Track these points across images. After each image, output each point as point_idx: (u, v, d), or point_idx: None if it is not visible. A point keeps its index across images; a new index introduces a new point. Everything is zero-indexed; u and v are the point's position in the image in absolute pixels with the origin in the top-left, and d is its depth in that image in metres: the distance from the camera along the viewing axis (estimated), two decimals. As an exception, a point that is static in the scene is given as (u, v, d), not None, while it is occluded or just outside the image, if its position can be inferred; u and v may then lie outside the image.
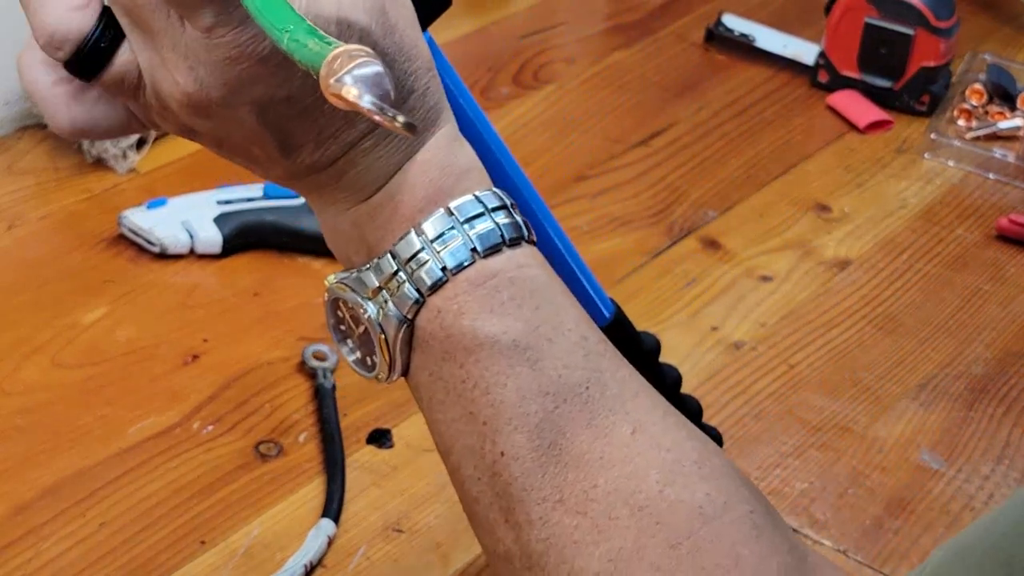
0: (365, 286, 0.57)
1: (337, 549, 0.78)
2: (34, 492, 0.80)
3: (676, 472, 0.55)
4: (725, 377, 0.92)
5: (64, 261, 0.97)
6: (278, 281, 0.97)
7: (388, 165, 0.55)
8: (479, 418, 0.55)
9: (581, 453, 0.54)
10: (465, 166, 0.57)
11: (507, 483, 0.55)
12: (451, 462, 0.57)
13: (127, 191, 1.03)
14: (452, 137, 0.57)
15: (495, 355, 0.55)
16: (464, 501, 0.57)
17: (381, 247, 0.56)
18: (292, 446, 0.84)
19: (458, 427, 0.56)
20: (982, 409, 0.91)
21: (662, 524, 0.54)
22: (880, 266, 1.04)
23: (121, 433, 0.84)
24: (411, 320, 0.56)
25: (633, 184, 1.11)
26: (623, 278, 1.00)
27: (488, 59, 1.24)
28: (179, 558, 0.77)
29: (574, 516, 0.54)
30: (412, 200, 0.56)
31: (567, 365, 0.55)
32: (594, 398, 0.55)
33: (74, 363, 0.89)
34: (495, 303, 0.55)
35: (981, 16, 1.37)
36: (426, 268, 0.55)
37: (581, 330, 0.57)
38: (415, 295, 0.55)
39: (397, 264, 0.55)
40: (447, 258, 0.55)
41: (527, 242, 0.57)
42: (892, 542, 0.81)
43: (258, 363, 0.90)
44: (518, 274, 0.56)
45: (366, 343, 0.58)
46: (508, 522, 0.55)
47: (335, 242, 0.59)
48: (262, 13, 0.48)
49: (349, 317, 0.58)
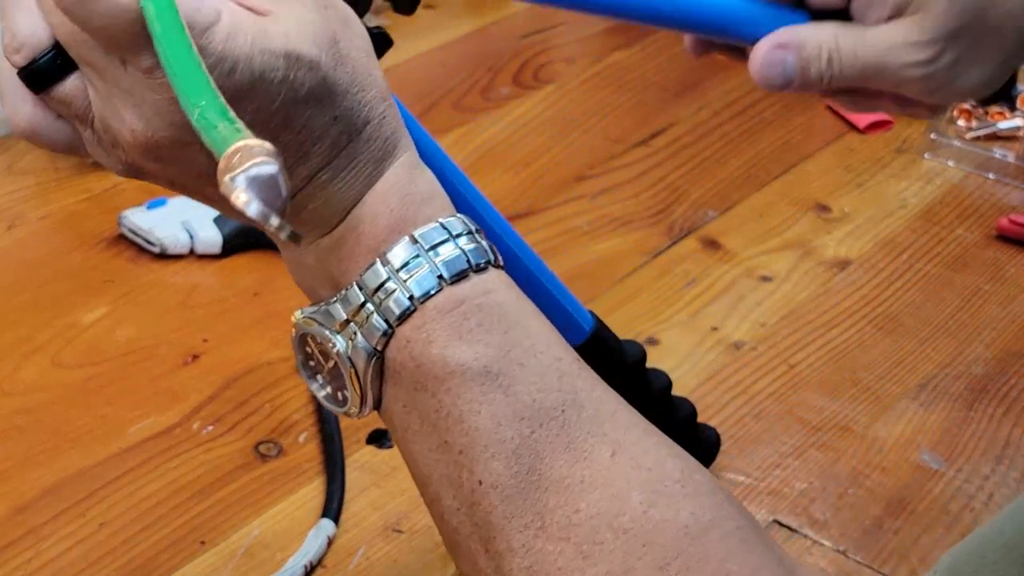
0: (333, 319, 0.56)
1: (337, 549, 0.78)
2: (34, 492, 0.80)
3: (659, 492, 0.54)
4: (725, 377, 0.92)
5: (64, 261, 0.97)
6: (278, 281, 0.97)
7: (348, 196, 0.55)
8: (455, 447, 0.54)
9: (561, 477, 0.54)
10: (427, 193, 0.56)
11: (487, 512, 0.54)
12: (429, 493, 0.56)
13: (127, 191, 1.03)
14: (412, 165, 0.56)
15: (467, 382, 0.54)
16: (444, 532, 0.57)
17: (347, 278, 0.56)
18: (292, 446, 0.84)
19: (434, 457, 0.55)
20: (982, 409, 0.91)
21: (649, 545, 0.53)
22: (880, 266, 1.04)
23: (121, 433, 0.84)
24: (380, 352, 0.55)
25: (633, 184, 1.11)
26: (623, 278, 1.00)
27: (488, 59, 1.24)
28: (179, 558, 0.77)
29: (557, 542, 0.53)
30: (375, 230, 0.55)
31: (541, 389, 0.55)
32: (571, 420, 0.54)
33: (74, 363, 0.89)
34: (464, 330, 0.54)
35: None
36: (394, 297, 0.54)
37: (554, 352, 0.56)
38: (383, 326, 0.55)
39: (364, 295, 0.55)
40: (413, 287, 0.54)
41: (494, 266, 0.56)
42: (892, 542, 0.81)
43: (258, 363, 0.90)
44: (486, 300, 0.55)
45: (336, 377, 0.57)
46: (488, 552, 0.54)
47: (300, 277, 0.58)
48: (178, 79, 0.47)
49: (318, 352, 0.57)
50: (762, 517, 0.82)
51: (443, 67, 1.22)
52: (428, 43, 1.25)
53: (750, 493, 0.83)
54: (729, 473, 0.84)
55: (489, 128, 1.15)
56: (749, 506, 0.82)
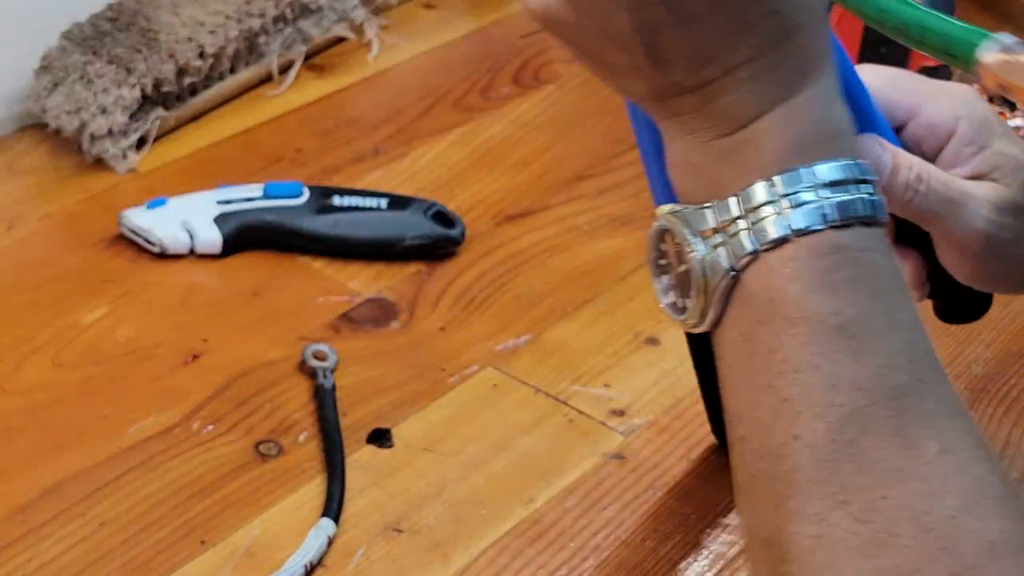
0: (700, 223, 0.53)
1: (337, 549, 0.78)
2: (34, 492, 0.80)
3: (975, 502, 0.51)
4: (725, 377, 0.92)
5: (64, 261, 0.97)
6: (278, 281, 0.97)
7: (760, 101, 0.52)
8: (780, 393, 0.52)
9: (879, 459, 0.51)
10: (838, 127, 0.53)
11: (792, 468, 0.51)
12: (737, 430, 0.54)
13: (127, 191, 1.03)
14: (831, 93, 0.53)
15: (817, 334, 0.51)
16: (738, 473, 0.54)
17: (728, 188, 0.53)
18: (292, 446, 0.84)
19: (754, 396, 0.52)
20: (982, 409, 0.91)
21: (946, 551, 0.50)
22: (880, 266, 1.04)
23: (121, 433, 0.84)
24: (738, 272, 0.52)
25: (633, 184, 1.11)
26: (624, 277, 1.00)
27: (488, 59, 1.24)
28: (179, 558, 0.77)
29: (854, 522, 0.50)
30: (775, 147, 0.52)
31: (889, 366, 0.52)
32: (908, 407, 0.51)
33: (74, 363, 0.89)
34: (832, 280, 0.51)
35: (981, 16, 1.37)
36: (771, 220, 0.52)
37: (912, 333, 0.53)
38: (751, 245, 0.52)
39: (741, 208, 0.52)
40: (795, 217, 0.51)
41: (879, 226, 0.53)
42: (892, 542, 0.81)
43: (258, 363, 0.90)
44: (863, 256, 0.52)
45: (683, 284, 0.55)
46: (778, 508, 0.51)
47: (678, 172, 0.55)
48: None
49: (673, 252, 0.55)
50: (762, 517, 0.82)
51: (443, 67, 1.22)
52: (428, 43, 1.25)
53: (750, 493, 0.83)
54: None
55: (489, 128, 1.15)
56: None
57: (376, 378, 0.89)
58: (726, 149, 0.53)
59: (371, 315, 0.94)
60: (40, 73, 1.05)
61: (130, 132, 1.05)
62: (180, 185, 1.03)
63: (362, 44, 1.23)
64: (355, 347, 0.91)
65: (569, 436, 0.87)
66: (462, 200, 1.05)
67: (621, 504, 0.82)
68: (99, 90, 1.03)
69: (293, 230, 0.99)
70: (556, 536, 0.80)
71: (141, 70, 1.05)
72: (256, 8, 1.13)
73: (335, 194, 1.01)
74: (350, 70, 1.20)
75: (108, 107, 1.03)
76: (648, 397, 0.90)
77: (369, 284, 0.97)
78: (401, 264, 0.99)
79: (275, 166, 1.07)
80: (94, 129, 1.03)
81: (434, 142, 1.12)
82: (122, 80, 1.04)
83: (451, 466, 0.84)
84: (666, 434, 0.87)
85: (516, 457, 0.85)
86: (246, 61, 1.14)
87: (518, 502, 0.82)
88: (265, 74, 1.15)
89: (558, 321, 0.95)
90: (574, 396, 0.89)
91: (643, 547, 0.80)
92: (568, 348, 0.93)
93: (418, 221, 1.00)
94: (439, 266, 0.99)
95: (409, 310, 0.95)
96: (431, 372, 0.90)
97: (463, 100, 1.18)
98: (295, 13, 1.17)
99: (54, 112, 1.04)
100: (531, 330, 0.94)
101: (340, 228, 0.99)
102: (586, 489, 0.83)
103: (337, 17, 1.21)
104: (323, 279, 0.97)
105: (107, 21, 1.08)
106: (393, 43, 1.24)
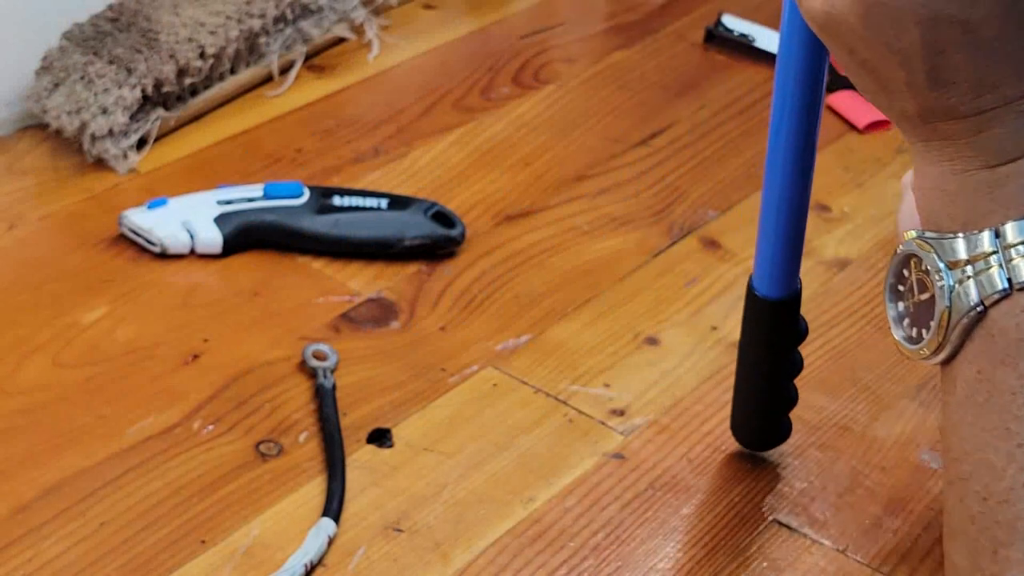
0: (948, 254, 0.52)
1: (337, 549, 0.78)
2: (34, 492, 0.80)
3: None
4: (725, 376, 0.92)
5: (64, 261, 0.97)
6: (278, 281, 0.97)
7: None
8: (1016, 439, 0.50)
9: None
10: None
11: (1016, 516, 0.49)
12: (959, 469, 0.52)
13: (127, 191, 1.03)
14: None
15: None
16: (955, 513, 0.52)
17: (983, 222, 0.51)
18: (292, 446, 0.84)
19: (984, 437, 0.51)
20: None
21: None
22: (880, 266, 1.04)
23: (121, 433, 0.84)
24: (987, 307, 0.51)
25: (633, 184, 1.11)
26: (623, 277, 1.00)
27: (488, 59, 1.24)
28: (179, 558, 0.77)
29: None
30: None
31: None
32: None
33: (74, 363, 0.89)
34: None
35: None
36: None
37: None
38: (1004, 283, 0.50)
39: (997, 244, 0.50)
40: None
41: None
42: (892, 542, 0.81)
43: (258, 363, 0.90)
44: None
45: (922, 313, 0.53)
46: (996, 555, 0.50)
47: (929, 199, 0.53)
48: None
49: (916, 279, 0.54)
50: (761, 516, 0.82)
51: (443, 67, 1.22)
52: (428, 43, 1.25)
53: (749, 492, 0.83)
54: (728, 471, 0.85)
55: (489, 128, 1.15)
56: (748, 506, 0.83)
57: (376, 378, 0.90)
58: (986, 181, 0.51)
59: (371, 315, 0.95)
60: (41, 73, 1.05)
61: (131, 132, 1.05)
62: (180, 185, 1.03)
63: (362, 44, 1.23)
64: (355, 347, 0.92)
65: (569, 436, 0.87)
66: (462, 200, 1.05)
67: (621, 504, 0.82)
68: (100, 90, 1.03)
69: (293, 230, 0.99)
70: (556, 536, 0.80)
71: (142, 70, 1.05)
72: (256, 8, 1.13)
73: (335, 194, 1.01)
74: (350, 70, 1.20)
75: (109, 107, 1.03)
76: (648, 397, 0.90)
77: (369, 284, 0.97)
78: (401, 264, 0.99)
79: (275, 166, 1.08)
80: (95, 129, 1.03)
81: (434, 142, 1.12)
82: (123, 80, 1.04)
83: (451, 466, 0.84)
84: (666, 434, 0.87)
85: (516, 457, 0.85)
86: (246, 61, 1.14)
87: (518, 502, 0.82)
88: (265, 74, 1.16)
89: (558, 321, 0.96)
90: (574, 396, 0.89)
91: (643, 547, 0.80)
92: (568, 348, 0.93)
93: (418, 221, 1.00)
94: (439, 266, 0.99)
95: (409, 310, 0.95)
96: (431, 372, 0.90)
97: (463, 100, 1.18)
98: (295, 13, 1.17)
99: (55, 112, 1.04)
100: (531, 330, 0.94)
101: (340, 228, 0.99)
102: (586, 489, 0.83)
103: (337, 17, 1.21)
104: (323, 279, 0.97)
105: (108, 21, 1.08)
106: (393, 43, 1.24)
